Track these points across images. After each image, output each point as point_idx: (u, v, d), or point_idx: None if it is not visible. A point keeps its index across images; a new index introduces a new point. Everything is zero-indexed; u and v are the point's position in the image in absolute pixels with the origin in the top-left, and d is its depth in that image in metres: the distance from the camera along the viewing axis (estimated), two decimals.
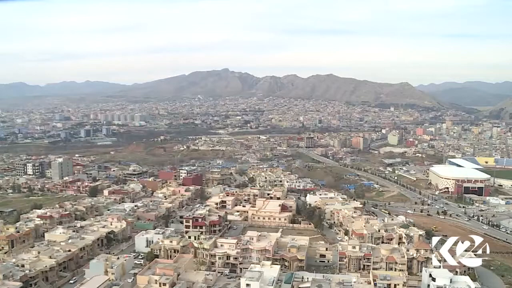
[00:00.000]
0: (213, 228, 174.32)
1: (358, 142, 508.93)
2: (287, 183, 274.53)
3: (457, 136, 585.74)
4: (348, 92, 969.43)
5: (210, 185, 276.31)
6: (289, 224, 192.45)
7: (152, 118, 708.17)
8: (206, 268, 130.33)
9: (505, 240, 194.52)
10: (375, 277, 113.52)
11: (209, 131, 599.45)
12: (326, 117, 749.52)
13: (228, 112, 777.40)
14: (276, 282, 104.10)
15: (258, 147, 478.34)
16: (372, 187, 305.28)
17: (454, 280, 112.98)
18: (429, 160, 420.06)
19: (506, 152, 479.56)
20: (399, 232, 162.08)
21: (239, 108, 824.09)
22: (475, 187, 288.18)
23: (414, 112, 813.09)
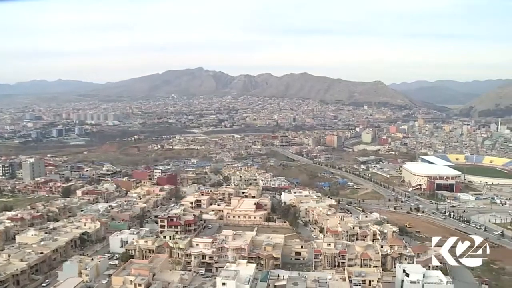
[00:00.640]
0: (188, 227, 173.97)
1: (332, 140, 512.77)
2: (262, 182, 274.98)
3: (429, 134, 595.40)
4: (322, 90, 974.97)
5: (185, 185, 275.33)
6: (264, 223, 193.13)
7: (125, 118, 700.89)
8: (181, 267, 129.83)
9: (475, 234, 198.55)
10: (350, 274, 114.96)
11: (183, 130, 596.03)
12: (301, 115, 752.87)
13: (202, 111, 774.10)
14: (252, 281, 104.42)
15: (232, 146, 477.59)
16: (346, 185, 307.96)
17: (427, 275, 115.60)
18: (402, 157, 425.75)
19: (475, 149, 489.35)
20: (373, 229, 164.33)
21: (213, 107, 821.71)
22: (447, 183, 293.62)
23: (387, 110, 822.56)
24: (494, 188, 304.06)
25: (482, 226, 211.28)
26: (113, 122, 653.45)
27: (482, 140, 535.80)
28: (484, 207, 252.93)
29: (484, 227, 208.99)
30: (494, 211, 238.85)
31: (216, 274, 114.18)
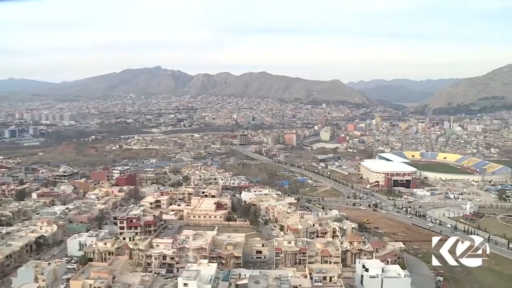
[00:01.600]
0: (148, 228, 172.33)
1: (291, 139, 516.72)
2: (222, 181, 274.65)
3: (386, 131, 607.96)
4: (281, 89, 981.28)
5: (144, 185, 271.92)
6: (225, 222, 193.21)
7: (82, 118, 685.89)
8: (142, 269, 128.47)
9: (429, 228, 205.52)
10: (311, 271, 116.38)
11: (142, 130, 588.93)
12: (260, 114, 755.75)
13: (161, 111, 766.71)
14: (213, 280, 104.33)
15: (192, 145, 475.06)
16: (306, 183, 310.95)
17: (385, 270, 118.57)
18: (360, 155, 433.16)
19: (430, 146, 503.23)
20: (333, 226, 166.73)
21: (172, 107, 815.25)
22: (403, 180, 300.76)
23: (345, 108, 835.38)
24: (448, 184, 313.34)
25: (437, 220, 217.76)
26: (70, 122, 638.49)
27: (436, 137, 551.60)
28: (439, 202, 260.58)
29: (439, 221, 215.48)
30: (448, 206, 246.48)
31: (177, 275, 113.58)
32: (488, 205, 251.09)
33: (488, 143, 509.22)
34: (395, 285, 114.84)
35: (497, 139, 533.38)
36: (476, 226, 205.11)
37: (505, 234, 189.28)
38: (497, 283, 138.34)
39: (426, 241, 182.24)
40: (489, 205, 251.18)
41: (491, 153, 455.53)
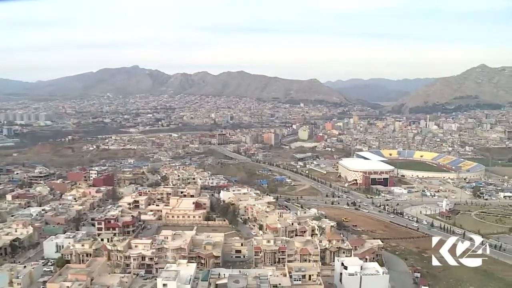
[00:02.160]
0: (126, 229, 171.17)
1: (269, 138, 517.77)
2: (200, 181, 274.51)
3: (363, 130, 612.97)
4: (259, 88, 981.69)
5: (122, 185, 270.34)
6: (204, 222, 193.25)
7: (58, 117, 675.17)
8: (121, 270, 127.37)
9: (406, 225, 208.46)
10: (290, 269, 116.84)
11: (119, 130, 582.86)
12: (238, 113, 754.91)
13: (138, 110, 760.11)
14: (193, 280, 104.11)
15: (170, 145, 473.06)
16: (284, 182, 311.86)
17: (364, 267, 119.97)
18: (338, 153, 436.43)
19: (407, 144, 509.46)
20: (312, 225, 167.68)
21: (150, 106, 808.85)
22: (381, 178, 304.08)
23: (323, 107, 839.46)
24: (424, 181, 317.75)
25: (414, 217, 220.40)
26: (45, 122, 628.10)
27: (413, 135, 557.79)
28: (416, 200, 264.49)
29: (416, 219, 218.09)
30: (424, 203, 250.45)
31: (156, 275, 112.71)
32: (464, 202, 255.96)
33: (463, 141, 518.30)
34: (374, 282, 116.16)
35: (472, 137, 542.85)
36: (452, 223, 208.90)
37: (479, 230, 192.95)
38: (472, 278, 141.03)
39: (404, 238, 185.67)
40: (464, 202, 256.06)
41: (466, 151, 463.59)
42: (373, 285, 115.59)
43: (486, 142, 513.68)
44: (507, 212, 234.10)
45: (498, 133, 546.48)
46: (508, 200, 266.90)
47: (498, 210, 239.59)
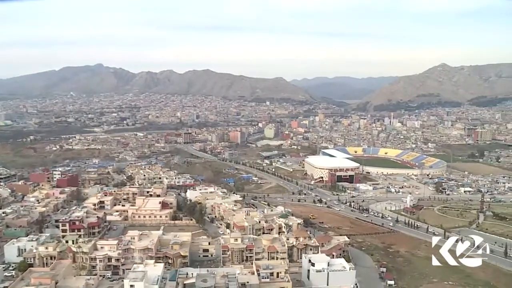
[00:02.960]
0: (92, 230, 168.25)
1: (235, 136, 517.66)
2: (167, 180, 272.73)
3: (329, 128, 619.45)
4: (225, 87, 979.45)
5: (86, 186, 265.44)
6: (171, 221, 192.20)
7: (19, 117, 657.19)
8: (86, 272, 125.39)
9: (371, 221, 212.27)
10: (258, 267, 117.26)
11: (83, 130, 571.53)
12: (204, 112, 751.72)
13: (103, 109, 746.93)
14: (160, 281, 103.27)
15: (135, 144, 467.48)
16: (251, 180, 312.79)
17: (331, 263, 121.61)
18: (304, 151, 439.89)
19: (372, 141, 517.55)
20: (279, 222, 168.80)
21: (114, 105, 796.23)
22: (347, 175, 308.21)
23: (289, 106, 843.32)
24: (389, 178, 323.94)
25: (380, 214, 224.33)
26: (5, 122, 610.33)
27: (377, 133, 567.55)
28: (381, 196, 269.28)
29: (381, 215, 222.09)
30: (389, 199, 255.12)
31: (123, 277, 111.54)
32: (427, 198, 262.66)
33: (425, 138, 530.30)
34: (341, 278, 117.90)
35: (434, 134, 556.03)
36: (416, 218, 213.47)
37: (442, 225, 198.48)
38: (434, 271, 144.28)
39: (369, 234, 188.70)
40: (427, 198, 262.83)
41: (428, 147, 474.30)
42: (340, 281, 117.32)
43: (448, 139, 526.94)
44: (467, 206, 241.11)
45: (459, 130, 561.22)
46: (468, 194, 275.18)
47: (459, 204, 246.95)
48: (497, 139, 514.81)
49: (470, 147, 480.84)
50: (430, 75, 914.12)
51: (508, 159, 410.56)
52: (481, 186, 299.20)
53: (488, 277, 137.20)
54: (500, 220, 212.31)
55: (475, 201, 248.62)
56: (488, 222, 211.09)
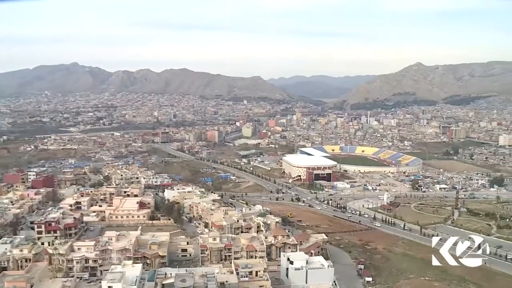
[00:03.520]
0: (68, 231, 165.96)
1: (213, 136, 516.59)
2: (144, 180, 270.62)
3: (306, 126, 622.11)
4: (202, 86, 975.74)
5: (62, 186, 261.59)
6: (148, 221, 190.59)
7: None
8: (63, 274, 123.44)
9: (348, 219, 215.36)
10: (237, 266, 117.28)
11: (59, 129, 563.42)
12: (181, 111, 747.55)
13: (79, 109, 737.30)
14: (139, 281, 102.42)
15: (112, 144, 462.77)
16: (229, 179, 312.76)
17: (309, 261, 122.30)
18: (281, 150, 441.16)
19: (349, 140, 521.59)
20: (257, 221, 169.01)
21: (90, 104, 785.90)
22: (324, 173, 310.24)
23: (266, 104, 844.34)
24: (366, 176, 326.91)
25: (357, 211, 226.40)
26: None
27: (354, 131, 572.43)
28: (358, 194, 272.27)
29: (359, 212, 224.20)
30: (366, 197, 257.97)
31: (101, 278, 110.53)
32: (403, 195, 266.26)
33: (402, 136, 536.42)
34: (319, 275, 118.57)
35: (410, 132, 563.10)
36: (393, 215, 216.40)
37: (418, 221, 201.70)
38: (411, 267, 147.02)
39: (347, 231, 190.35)
40: (404, 195, 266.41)
41: (404, 145, 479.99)
42: (319, 278, 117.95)
43: (423, 137, 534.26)
44: (443, 203, 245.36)
45: (434, 128, 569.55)
46: (443, 191, 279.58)
47: (434, 201, 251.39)
48: (471, 137, 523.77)
49: (445, 145, 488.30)
50: (406, 74, 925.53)
51: (481, 157, 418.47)
52: (455, 183, 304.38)
53: (463, 272, 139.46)
54: (474, 216, 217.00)
55: (450, 198, 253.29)
56: (462, 218, 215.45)
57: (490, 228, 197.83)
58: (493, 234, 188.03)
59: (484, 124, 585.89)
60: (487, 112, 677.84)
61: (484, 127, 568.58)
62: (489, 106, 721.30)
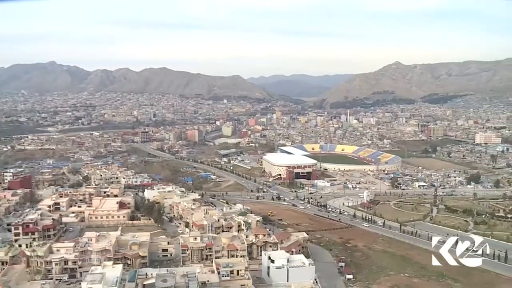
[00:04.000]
0: (47, 232, 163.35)
1: (193, 135, 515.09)
2: (124, 180, 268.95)
3: (286, 125, 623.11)
4: (182, 85, 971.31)
5: (41, 187, 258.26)
6: (129, 221, 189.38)
7: None
8: (42, 277, 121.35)
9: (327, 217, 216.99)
10: (218, 266, 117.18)
11: (36, 129, 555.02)
12: (161, 110, 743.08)
13: (57, 108, 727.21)
14: (119, 282, 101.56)
15: (91, 144, 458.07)
16: (209, 178, 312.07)
17: (290, 260, 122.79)
18: (262, 149, 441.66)
19: (329, 138, 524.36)
20: (238, 220, 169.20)
21: (69, 104, 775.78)
22: (304, 172, 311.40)
23: (246, 103, 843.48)
24: (346, 174, 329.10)
25: (337, 209, 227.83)
26: None
27: (334, 130, 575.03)
28: (338, 192, 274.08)
29: (339, 210, 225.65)
30: (347, 195, 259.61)
31: (81, 279, 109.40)
32: (383, 193, 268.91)
33: (381, 134, 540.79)
34: (301, 273, 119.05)
35: (389, 130, 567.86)
36: (373, 213, 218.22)
37: (398, 219, 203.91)
38: (391, 264, 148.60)
39: (328, 229, 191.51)
40: (383, 193, 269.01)
41: (384, 144, 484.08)
42: (300, 276, 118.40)
43: (402, 135, 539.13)
44: (422, 200, 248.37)
45: (412, 127, 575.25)
46: (422, 189, 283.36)
47: (413, 199, 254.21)
48: (448, 135, 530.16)
49: (423, 143, 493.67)
50: (385, 73, 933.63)
51: (458, 154, 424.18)
52: (434, 180, 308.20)
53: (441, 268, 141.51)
54: (451, 213, 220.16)
55: (428, 195, 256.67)
56: (440, 215, 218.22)
57: (467, 224, 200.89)
58: (470, 230, 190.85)
59: (461, 122, 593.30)
60: (464, 110, 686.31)
61: (461, 126, 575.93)
62: (465, 104, 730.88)
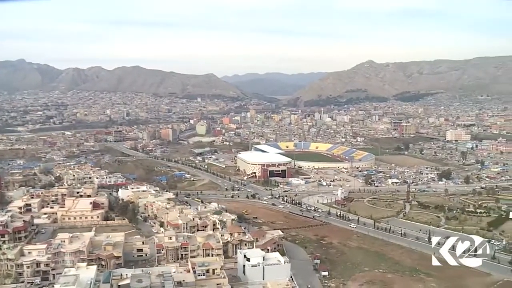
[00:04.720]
0: (18, 235, 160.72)
1: (167, 134, 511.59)
2: (97, 180, 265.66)
3: (260, 123, 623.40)
4: (155, 84, 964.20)
5: (11, 188, 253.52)
6: (103, 222, 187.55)
7: None
8: (12, 280, 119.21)
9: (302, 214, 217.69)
10: (194, 265, 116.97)
11: (5, 129, 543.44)
12: (134, 109, 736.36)
13: (27, 107, 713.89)
14: (94, 284, 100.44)
15: (63, 143, 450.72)
16: (184, 177, 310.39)
17: (266, 258, 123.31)
18: (236, 147, 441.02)
19: (303, 136, 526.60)
20: (213, 219, 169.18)
21: (39, 103, 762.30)
22: (279, 170, 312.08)
23: (220, 102, 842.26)
24: (321, 172, 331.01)
25: (312, 207, 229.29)
26: None
27: (308, 128, 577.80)
28: (313, 190, 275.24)
29: (313, 208, 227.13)
30: (321, 193, 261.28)
31: (53, 282, 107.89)
32: (357, 190, 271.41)
33: (354, 132, 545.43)
34: (276, 271, 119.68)
35: (362, 128, 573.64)
36: (347, 210, 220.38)
37: (372, 215, 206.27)
38: (366, 260, 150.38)
39: (302, 227, 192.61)
40: (357, 190, 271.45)
41: (357, 141, 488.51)
42: (276, 274, 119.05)
43: (375, 133, 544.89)
44: (395, 197, 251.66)
45: (385, 124, 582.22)
46: (395, 186, 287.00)
47: (387, 195, 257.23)
48: (420, 133, 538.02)
49: (396, 140, 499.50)
50: (358, 71, 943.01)
51: (430, 151, 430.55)
52: (407, 177, 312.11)
53: (414, 263, 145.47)
54: (424, 209, 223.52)
55: (401, 191, 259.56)
56: (413, 211, 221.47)
57: (439, 220, 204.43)
58: (442, 226, 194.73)
59: (433, 120, 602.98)
60: (435, 108, 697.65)
61: (432, 123, 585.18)
62: (436, 102, 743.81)
